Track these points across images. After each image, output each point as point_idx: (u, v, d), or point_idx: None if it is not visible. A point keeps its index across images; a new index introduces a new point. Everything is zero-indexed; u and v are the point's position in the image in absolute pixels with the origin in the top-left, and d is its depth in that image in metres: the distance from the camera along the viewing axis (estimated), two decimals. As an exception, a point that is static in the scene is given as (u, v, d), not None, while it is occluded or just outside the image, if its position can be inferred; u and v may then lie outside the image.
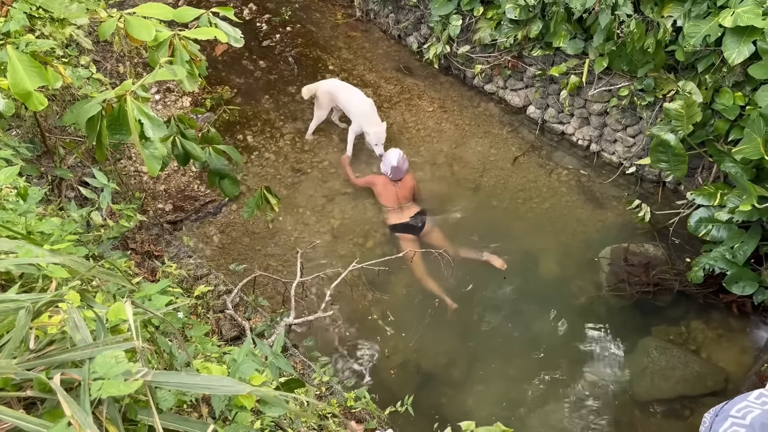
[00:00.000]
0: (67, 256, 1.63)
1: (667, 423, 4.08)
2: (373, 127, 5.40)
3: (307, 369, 3.78)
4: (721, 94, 4.33)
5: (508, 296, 4.84)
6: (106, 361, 1.18)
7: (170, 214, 5.26)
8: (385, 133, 5.44)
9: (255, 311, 4.03)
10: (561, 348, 4.53)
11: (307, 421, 2.75)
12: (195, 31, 2.56)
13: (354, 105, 5.60)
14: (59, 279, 1.69)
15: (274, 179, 5.60)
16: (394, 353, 4.57)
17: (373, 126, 5.41)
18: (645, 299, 4.62)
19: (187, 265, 4.26)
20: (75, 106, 2.44)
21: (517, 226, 5.28)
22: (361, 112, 5.53)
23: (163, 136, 2.41)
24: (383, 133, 5.42)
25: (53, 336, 1.37)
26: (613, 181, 5.43)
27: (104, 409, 1.21)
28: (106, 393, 1.14)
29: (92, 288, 2.24)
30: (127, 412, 1.32)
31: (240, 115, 6.00)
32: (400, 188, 5.25)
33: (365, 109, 5.53)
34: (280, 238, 5.23)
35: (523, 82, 5.91)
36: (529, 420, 4.18)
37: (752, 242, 4.27)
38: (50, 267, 1.63)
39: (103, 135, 2.32)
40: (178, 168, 5.56)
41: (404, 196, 5.26)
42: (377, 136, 5.38)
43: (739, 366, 4.21)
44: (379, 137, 5.39)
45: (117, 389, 1.15)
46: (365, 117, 5.49)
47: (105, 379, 1.16)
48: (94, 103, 2.26)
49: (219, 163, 3.22)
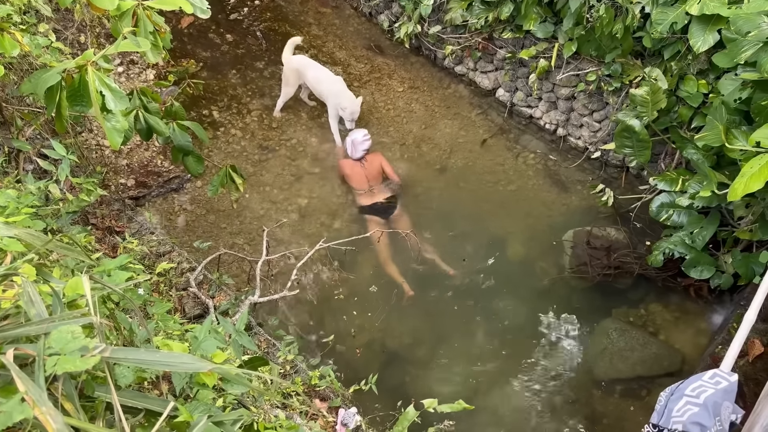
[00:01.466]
0: (23, 229, 1.57)
1: (624, 402, 4.20)
2: (347, 102, 5.35)
3: (271, 348, 3.77)
4: (685, 82, 4.40)
5: (473, 277, 4.89)
6: (62, 336, 1.15)
7: (132, 190, 5.15)
8: (360, 108, 5.41)
9: (219, 289, 3.99)
10: (523, 328, 4.60)
11: (271, 399, 2.74)
12: (160, 1, 2.48)
13: (324, 85, 5.53)
14: (14, 252, 1.64)
15: (241, 156, 5.52)
16: (360, 333, 4.58)
17: (347, 101, 5.36)
18: (606, 282, 4.71)
19: (149, 242, 4.18)
20: (33, 75, 2.34)
21: (484, 208, 5.31)
22: (333, 91, 5.47)
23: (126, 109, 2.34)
24: (358, 108, 5.38)
25: (7, 310, 1.33)
26: (579, 165, 5.51)
27: (60, 385, 1.18)
28: (61, 369, 1.11)
29: (50, 263, 2.18)
30: (83, 389, 1.29)
31: (205, 89, 5.87)
32: (367, 169, 5.22)
33: (337, 87, 5.48)
34: (246, 216, 5.17)
35: (493, 65, 5.91)
36: (491, 398, 4.25)
37: (711, 228, 4.38)
38: (4, 240, 1.57)
39: (62, 106, 2.24)
40: (141, 143, 5.43)
41: (373, 177, 5.23)
42: (352, 112, 5.34)
43: (695, 348, 4.34)
44: (354, 113, 5.35)
45: (73, 365, 1.12)
46: (338, 94, 5.43)
47: (61, 354, 1.13)
48: (54, 73, 2.18)
49: (183, 138, 3.15)
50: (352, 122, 5.39)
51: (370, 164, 5.23)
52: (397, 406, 3.85)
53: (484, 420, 4.12)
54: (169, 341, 1.79)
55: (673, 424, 2.13)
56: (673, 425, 2.13)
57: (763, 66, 3.41)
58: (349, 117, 5.35)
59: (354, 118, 5.38)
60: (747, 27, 3.52)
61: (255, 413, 2.34)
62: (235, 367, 1.65)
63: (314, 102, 5.88)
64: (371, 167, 5.24)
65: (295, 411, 3.05)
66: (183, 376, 1.60)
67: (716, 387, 2.19)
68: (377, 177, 5.26)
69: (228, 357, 2.00)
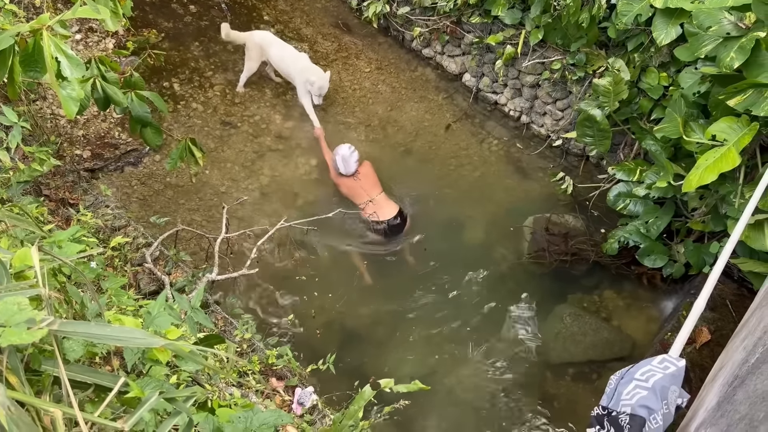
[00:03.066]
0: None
1: (575, 385, 4.30)
2: (315, 76, 5.25)
3: (228, 326, 3.73)
4: (647, 74, 4.48)
5: (434, 261, 4.92)
6: (7, 307, 1.11)
7: (88, 161, 5.00)
8: (328, 83, 5.32)
9: (176, 266, 3.92)
10: (481, 312, 4.66)
11: (227, 378, 2.71)
12: (119, -34, 2.39)
13: (288, 62, 5.43)
14: (-43, 220, 1.57)
15: (202, 131, 5.40)
16: (319, 313, 4.57)
17: (314, 75, 5.27)
18: (562, 268, 4.80)
19: (104, 215, 4.07)
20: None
21: (447, 193, 5.33)
22: (299, 68, 5.38)
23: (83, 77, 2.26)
24: (327, 83, 5.29)
25: (-52, 280, 1.27)
26: (540, 153, 5.57)
27: (4, 357, 1.14)
28: (6, 341, 1.07)
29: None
30: (30, 362, 1.25)
31: (167, 61, 5.71)
32: (362, 180, 5.00)
33: (303, 63, 5.39)
34: (205, 192, 5.08)
35: (460, 49, 5.91)
36: (447, 379, 4.30)
37: (666, 218, 4.49)
38: (-53, 207, 1.50)
39: (15, 71, 2.14)
40: (99, 113, 5.27)
41: (370, 186, 5.01)
42: (320, 87, 5.26)
43: (645, 334, 4.47)
44: (322, 88, 5.26)
45: (19, 337, 1.08)
46: (304, 70, 5.34)
47: (6, 326, 1.09)
48: (6, 36, 2.08)
49: (142, 110, 3.07)
50: (319, 98, 5.30)
51: (363, 175, 5.02)
52: (354, 386, 3.86)
53: (440, 400, 4.18)
54: (122, 316, 1.74)
55: (622, 406, 2.18)
56: (622, 408, 2.18)
57: (722, 61, 3.49)
58: (317, 92, 5.26)
59: (322, 93, 5.29)
60: (708, 22, 3.59)
61: (210, 391, 2.32)
62: (189, 343, 1.62)
63: (280, 79, 5.79)
64: (365, 178, 5.02)
65: (251, 390, 3.03)
66: (135, 351, 1.56)
67: (665, 372, 2.26)
68: (375, 185, 5.04)
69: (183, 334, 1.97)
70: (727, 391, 1.96)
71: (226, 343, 2.09)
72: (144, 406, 1.22)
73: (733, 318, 3.99)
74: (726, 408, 1.79)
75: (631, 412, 2.12)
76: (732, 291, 4.17)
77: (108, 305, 2.45)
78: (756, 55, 3.37)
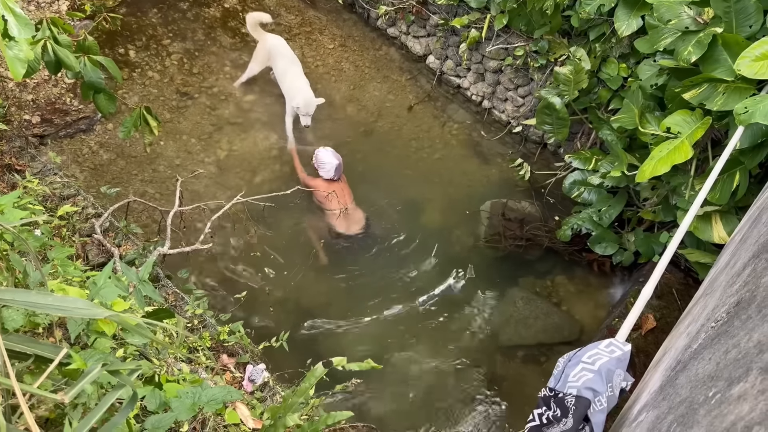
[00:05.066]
0: None
1: (524, 367, 4.39)
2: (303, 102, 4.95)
3: (180, 301, 3.65)
4: (607, 64, 4.54)
5: (391, 242, 4.92)
6: (-63, 272, 1.05)
7: (37, 127, 4.80)
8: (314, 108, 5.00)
9: (126, 238, 3.81)
10: (435, 293, 4.70)
11: (176, 353, 2.66)
12: None
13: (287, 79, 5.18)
14: None
15: (157, 100, 5.24)
16: (274, 291, 4.53)
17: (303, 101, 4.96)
18: (517, 253, 4.87)
19: (52, 183, 3.92)
20: None
21: (407, 174, 5.33)
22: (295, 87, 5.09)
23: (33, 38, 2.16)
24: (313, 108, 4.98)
25: None
26: (500, 138, 5.61)
27: (-66, 325, 1.08)
28: (-65, 307, 1.01)
29: (-67, 196, 1.99)
30: (-37, 331, 1.19)
31: (123, 26, 5.51)
32: (341, 184, 4.86)
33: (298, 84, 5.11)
34: (159, 164, 4.94)
35: (425, 30, 5.88)
36: (400, 359, 4.33)
37: (618, 206, 4.60)
38: None
39: (-43, 29, 2.03)
40: (50, 78, 5.05)
41: (349, 194, 4.88)
42: (306, 111, 4.97)
43: (594, 319, 4.58)
44: (308, 112, 4.97)
45: (-50, 304, 1.02)
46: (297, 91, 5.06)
47: (-64, 292, 1.03)
48: (-54, -11, 1.96)
49: (95, 75, 2.97)
50: (307, 118, 4.98)
51: (343, 180, 4.89)
52: (307, 364, 3.85)
53: (392, 380, 4.20)
54: (66, 286, 1.68)
55: (569, 388, 2.23)
56: (569, 389, 2.23)
57: (680, 54, 3.56)
58: (303, 112, 4.99)
59: (309, 113, 4.99)
60: (668, 15, 3.66)
61: (158, 366, 2.27)
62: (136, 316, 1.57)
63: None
64: (342, 186, 4.87)
65: (201, 366, 2.98)
66: (79, 322, 1.51)
67: (611, 355, 2.31)
68: (349, 194, 4.90)
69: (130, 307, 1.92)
70: (669, 375, 2.02)
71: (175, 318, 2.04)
72: (85, 378, 1.18)
73: (678, 306, 4.13)
74: (668, 391, 1.84)
75: (577, 393, 2.17)
76: (678, 280, 4.31)
77: (53, 275, 2.36)
78: (712, 51, 3.46)
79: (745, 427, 1.07)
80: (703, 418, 1.31)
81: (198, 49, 5.62)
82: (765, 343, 1.26)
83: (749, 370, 1.24)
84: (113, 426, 1.24)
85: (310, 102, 4.94)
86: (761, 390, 1.12)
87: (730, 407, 1.20)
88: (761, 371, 1.18)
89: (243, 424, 2.43)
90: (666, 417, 1.63)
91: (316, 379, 2.32)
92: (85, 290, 1.91)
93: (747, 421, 1.08)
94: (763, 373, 1.16)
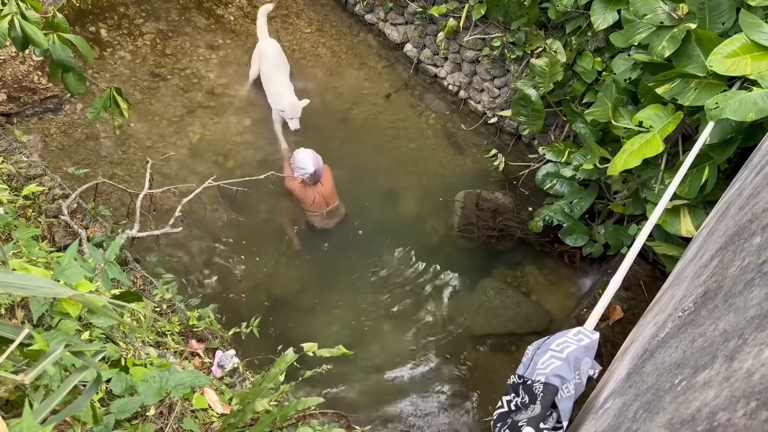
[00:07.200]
0: None
1: (494, 356, 4.43)
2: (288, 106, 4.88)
3: (148, 285, 3.59)
4: (582, 57, 4.57)
5: (366, 231, 4.91)
6: None
7: (3, 105, 4.67)
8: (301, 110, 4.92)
9: (94, 220, 3.73)
10: (408, 282, 4.71)
11: (143, 337, 2.62)
12: None
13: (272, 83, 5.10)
14: None
15: (129, 81, 5.13)
16: (246, 277, 4.49)
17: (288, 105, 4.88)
18: (489, 243, 4.90)
19: (18, 163, 3.81)
20: None
21: (382, 163, 5.32)
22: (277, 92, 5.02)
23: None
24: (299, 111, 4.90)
25: None
26: (476, 129, 5.63)
27: None
28: None
29: None
30: None
31: (94, 4, 5.37)
32: (324, 188, 4.64)
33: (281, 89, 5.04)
34: (129, 146, 4.85)
35: (403, 18, 5.85)
36: (371, 347, 4.34)
37: (589, 199, 4.65)
38: None
39: None
40: (17, 54, 4.90)
41: (329, 195, 4.71)
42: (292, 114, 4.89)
43: (563, 309, 4.64)
44: (294, 115, 4.89)
45: None
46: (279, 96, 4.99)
47: None
48: None
49: (64, 54, 2.89)
50: (295, 121, 4.91)
51: (326, 181, 4.66)
52: (277, 350, 3.83)
53: (363, 366, 4.21)
54: (29, 266, 1.63)
55: (537, 375, 2.25)
56: (537, 377, 2.25)
57: (654, 49, 3.60)
58: (290, 116, 4.91)
59: (295, 116, 4.91)
60: (644, 10, 3.69)
61: (124, 349, 2.23)
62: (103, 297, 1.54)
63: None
64: (327, 184, 4.67)
65: (169, 350, 2.94)
66: (42, 302, 1.47)
67: (579, 343, 2.34)
68: (334, 194, 4.76)
69: (96, 288, 1.87)
70: (636, 364, 2.05)
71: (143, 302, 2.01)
72: (47, 359, 1.15)
73: (645, 298, 4.20)
74: (635, 379, 1.87)
75: (545, 381, 2.19)
76: (646, 272, 4.38)
77: (17, 255, 2.30)
78: (686, 46, 3.50)
79: (709, 413, 1.09)
80: (669, 404, 1.33)
81: (171, 29, 5.51)
82: (730, 331, 1.29)
83: (715, 358, 1.26)
84: (76, 408, 1.21)
85: (295, 105, 4.88)
86: (726, 377, 1.13)
87: (696, 394, 1.21)
88: (726, 359, 1.20)
89: (211, 410, 2.40)
90: (632, 404, 1.65)
91: (286, 365, 2.30)
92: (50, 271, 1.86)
93: (712, 407, 1.09)
94: (728, 361, 1.18)
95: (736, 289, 1.46)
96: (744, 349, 1.14)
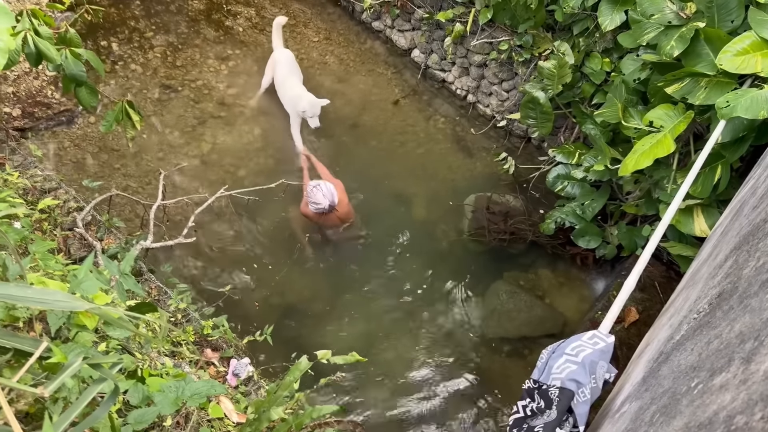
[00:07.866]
0: None
1: (509, 360, 4.42)
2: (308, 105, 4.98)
3: (163, 296, 3.62)
4: (591, 58, 4.56)
5: (376, 236, 4.92)
6: None
7: (18, 120, 4.73)
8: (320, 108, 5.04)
9: (109, 232, 3.77)
10: (420, 287, 4.71)
11: (159, 347, 2.64)
12: None
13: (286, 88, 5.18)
14: None
15: (140, 94, 5.19)
16: (259, 285, 4.51)
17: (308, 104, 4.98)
18: (501, 246, 4.89)
19: (33, 177, 3.87)
20: None
21: (392, 168, 5.32)
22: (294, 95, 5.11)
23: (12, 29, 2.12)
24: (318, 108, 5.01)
25: None
26: (485, 132, 5.62)
27: None
28: None
29: None
30: (-61, 325, 1.17)
31: (105, 19, 5.44)
32: (339, 211, 4.52)
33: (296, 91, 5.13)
34: (142, 158, 4.89)
35: (410, 24, 5.86)
36: (385, 353, 4.34)
37: (601, 200, 4.63)
38: None
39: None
40: (31, 70, 4.97)
41: (346, 214, 4.65)
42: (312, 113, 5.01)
43: (577, 312, 4.62)
44: (314, 113, 5.01)
45: (-75, 297, 1.00)
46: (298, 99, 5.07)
47: None
48: None
49: (76, 68, 2.93)
50: (315, 120, 5.02)
51: (340, 202, 4.46)
52: (291, 358, 3.84)
53: (377, 372, 4.21)
54: (46, 279, 1.65)
55: (553, 380, 2.24)
56: (552, 381, 2.24)
57: (663, 49, 3.58)
58: (310, 115, 5.02)
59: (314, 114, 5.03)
60: (651, 10, 3.68)
61: (140, 360, 2.25)
62: (118, 309, 1.55)
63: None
64: (342, 205, 4.52)
65: (185, 360, 2.96)
66: (59, 316, 1.48)
67: (594, 347, 2.33)
68: (351, 213, 4.71)
69: (111, 299, 1.89)
70: (652, 367, 2.04)
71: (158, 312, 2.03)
72: (66, 372, 1.16)
73: (661, 299, 4.17)
74: (651, 382, 1.86)
75: (560, 385, 2.18)
76: (660, 273, 4.35)
77: (34, 269, 2.33)
78: (695, 45, 3.48)
79: (727, 416, 1.08)
80: (686, 408, 1.32)
81: (181, 42, 5.57)
82: (746, 333, 1.28)
83: (731, 361, 1.25)
84: (95, 420, 1.22)
85: (314, 103, 4.99)
86: (743, 380, 1.13)
87: (713, 397, 1.21)
88: (743, 361, 1.19)
89: (227, 419, 2.42)
90: (649, 407, 1.65)
91: (300, 373, 2.31)
92: (66, 284, 1.88)
93: (729, 411, 1.09)
94: (744, 363, 1.17)
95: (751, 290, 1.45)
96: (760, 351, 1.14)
